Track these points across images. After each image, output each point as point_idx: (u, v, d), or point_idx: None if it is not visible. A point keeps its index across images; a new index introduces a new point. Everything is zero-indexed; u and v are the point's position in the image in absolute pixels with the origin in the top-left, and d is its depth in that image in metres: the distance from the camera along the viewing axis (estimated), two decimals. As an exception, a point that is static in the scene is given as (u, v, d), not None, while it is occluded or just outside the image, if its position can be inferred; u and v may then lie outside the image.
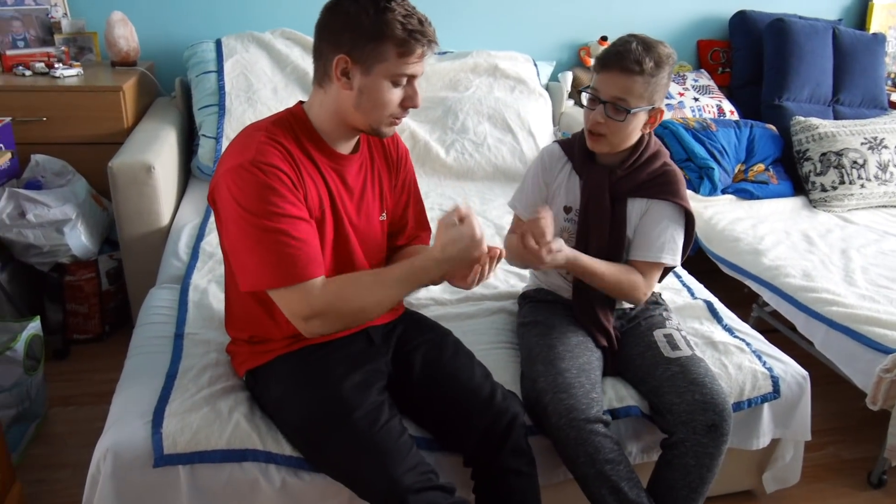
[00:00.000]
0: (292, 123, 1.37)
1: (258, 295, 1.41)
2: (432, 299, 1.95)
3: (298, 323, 1.31)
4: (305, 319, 1.30)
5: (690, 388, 1.52)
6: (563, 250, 1.54)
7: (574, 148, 1.71)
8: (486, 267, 1.36)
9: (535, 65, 3.19)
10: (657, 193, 1.65)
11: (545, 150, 1.78)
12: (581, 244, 1.67)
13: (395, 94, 1.33)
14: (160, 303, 1.87)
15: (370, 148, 1.51)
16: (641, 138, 1.65)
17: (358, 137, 1.46)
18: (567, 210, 1.71)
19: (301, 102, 1.42)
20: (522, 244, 1.47)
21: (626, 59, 1.52)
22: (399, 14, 1.26)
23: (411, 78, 1.33)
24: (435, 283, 1.39)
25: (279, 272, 1.27)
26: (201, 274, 2.00)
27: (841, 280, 2.20)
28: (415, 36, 1.28)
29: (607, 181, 1.64)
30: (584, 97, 1.61)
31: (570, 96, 3.24)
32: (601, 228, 1.66)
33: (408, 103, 1.35)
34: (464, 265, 1.34)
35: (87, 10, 2.85)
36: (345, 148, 1.43)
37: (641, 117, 1.58)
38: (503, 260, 1.42)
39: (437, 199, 2.62)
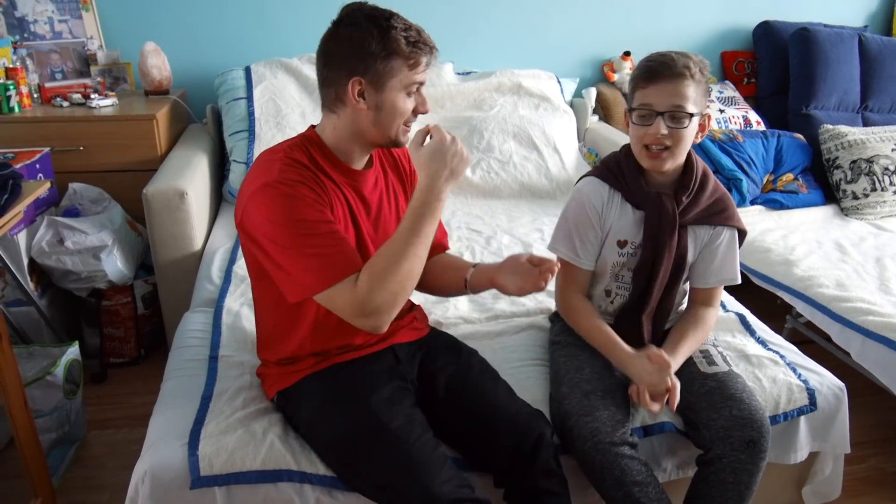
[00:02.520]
0: (307, 145, 1.42)
1: (277, 313, 1.43)
2: (461, 318, 1.96)
3: (358, 321, 1.30)
4: (362, 316, 1.29)
5: (728, 403, 1.50)
6: (672, 367, 1.53)
7: (619, 176, 1.63)
8: (543, 278, 1.41)
9: (559, 82, 3.20)
10: (720, 221, 1.64)
11: (586, 191, 1.65)
12: (643, 278, 1.62)
13: (410, 104, 1.40)
14: (194, 326, 1.90)
15: (382, 162, 1.55)
16: (689, 157, 1.61)
17: (371, 153, 1.49)
18: (622, 244, 1.64)
19: (313, 126, 1.47)
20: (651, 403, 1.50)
21: (674, 67, 1.49)
22: (400, 30, 1.33)
23: (419, 86, 1.40)
24: (441, 202, 1.34)
25: (323, 273, 1.29)
26: (234, 297, 2.03)
27: (876, 289, 2.16)
28: (419, 46, 1.35)
29: (675, 211, 1.59)
30: (635, 115, 1.54)
31: (595, 111, 3.25)
32: (668, 260, 1.61)
33: (420, 109, 1.42)
34: (451, 177, 1.33)
35: (121, 41, 2.94)
36: (359, 164, 1.47)
37: (695, 124, 1.54)
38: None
39: (464, 217, 2.64)
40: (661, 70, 1.50)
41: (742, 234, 1.68)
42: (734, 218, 1.65)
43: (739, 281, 1.68)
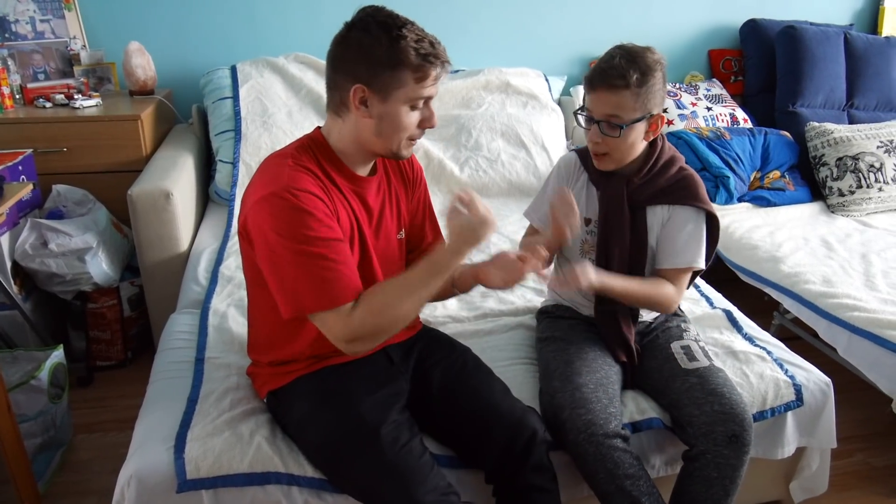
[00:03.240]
0: (314, 149, 1.39)
1: (282, 319, 1.42)
2: (449, 317, 1.96)
3: (342, 345, 1.30)
4: (348, 342, 1.29)
5: (709, 399, 1.51)
6: (593, 279, 1.51)
7: (587, 156, 1.71)
8: (523, 268, 1.42)
9: (547, 80, 3.20)
10: (678, 199, 1.64)
11: (562, 159, 1.79)
12: (602, 256, 1.67)
13: (414, 118, 1.35)
14: (181, 328, 1.89)
15: (386, 169, 1.53)
16: (654, 144, 1.64)
17: (375, 160, 1.48)
18: (587, 222, 1.70)
19: (319, 128, 1.44)
20: (561, 271, 1.49)
21: (609, 75, 1.52)
22: (412, 40, 1.28)
23: (427, 99, 1.36)
24: (461, 262, 1.36)
25: (320, 296, 1.27)
26: (220, 298, 2.02)
27: (862, 285, 2.18)
28: (429, 59, 1.30)
29: (625, 191, 1.64)
30: (581, 118, 1.62)
31: (575, 113, 3.25)
32: (622, 239, 1.65)
33: (426, 124, 1.38)
34: (477, 245, 1.33)
35: (105, 41, 2.91)
36: (363, 171, 1.45)
37: (639, 128, 1.57)
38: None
39: (452, 216, 2.63)
40: (598, 78, 1.54)
41: (713, 220, 1.66)
42: (697, 199, 1.64)
43: (702, 266, 1.65)
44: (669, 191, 1.64)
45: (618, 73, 1.51)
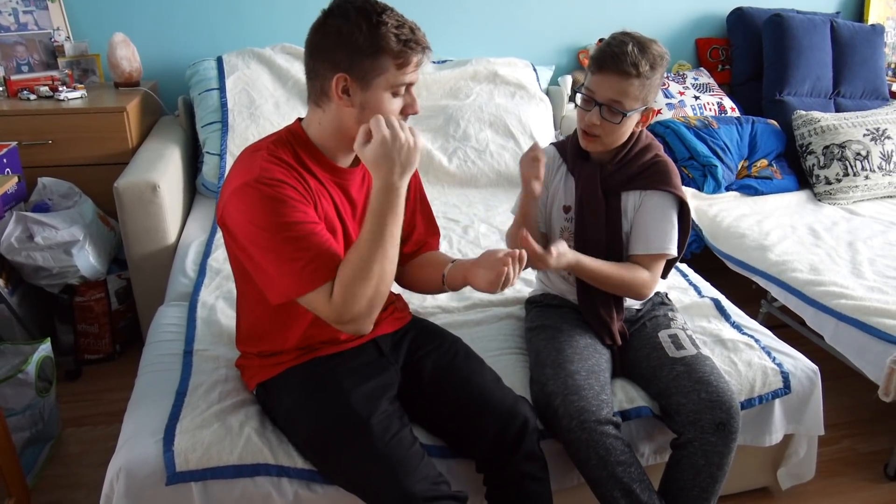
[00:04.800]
0: (291, 141, 1.38)
1: (272, 310, 1.41)
2: (439, 307, 1.96)
3: (337, 325, 1.30)
4: (339, 320, 1.28)
5: (696, 387, 1.52)
6: (566, 253, 1.54)
7: (566, 146, 1.73)
8: (511, 270, 1.37)
9: (535, 70, 3.20)
10: (649, 184, 1.65)
11: None
12: (579, 242, 1.68)
13: (396, 105, 1.33)
14: (169, 320, 1.88)
15: None
16: (632, 133, 1.65)
17: None
18: (566, 210, 1.72)
19: (299, 120, 1.43)
20: (530, 250, 1.46)
21: (622, 61, 1.52)
22: (392, 26, 1.27)
23: (409, 86, 1.34)
24: (400, 197, 1.29)
25: (305, 278, 1.27)
26: (209, 290, 2.01)
27: (848, 273, 2.19)
28: (410, 45, 1.28)
29: (598, 176, 1.65)
30: (579, 98, 1.62)
31: (571, 99, 3.25)
32: (597, 225, 1.66)
33: (408, 111, 1.36)
34: (405, 168, 1.27)
35: (90, 32, 2.88)
36: (345, 162, 1.44)
37: (635, 118, 1.60)
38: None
39: (441, 207, 2.63)
40: (610, 62, 1.54)
41: (685, 207, 1.66)
42: (668, 184, 1.64)
43: (673, 253, 1.65)
44: (641, 176, 1.65)
45: (631, 62, 1.51)
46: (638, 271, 1.64)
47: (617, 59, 1.52)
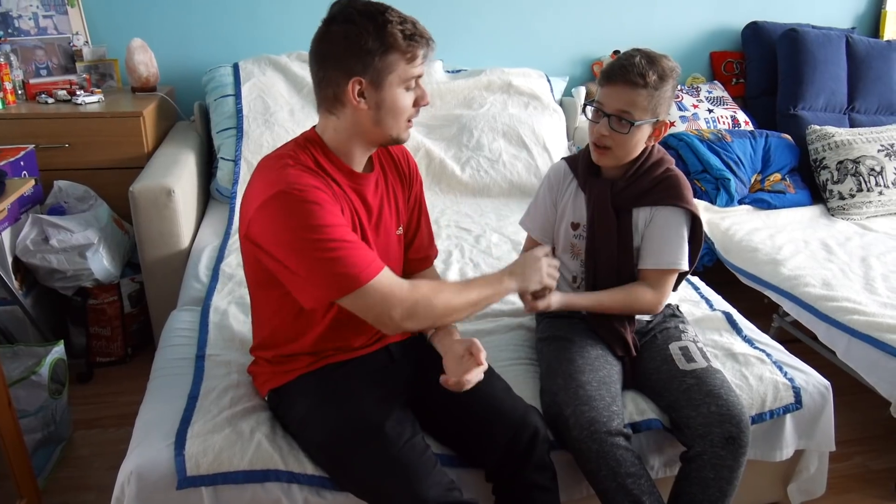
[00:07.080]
0: (310, 148, 1.39)
1: (290, 318, 1.43)
2: (450, 316, 1.96)
3: (386, 322, 1.32)
4: (399, 318, 1.32)
5: (706, 400, 1.51)
6: (552, 304, 1.60)
7: (577, 162, 1.73)
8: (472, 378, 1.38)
9: (549, 80, 3.20)
10: (660, 200, 1.65)
11: (551, 168, 1.81)
12: (591, 259, 1.69)
13: (409, 98, 1.37)
14: (181, 325, 1.89)
15: (382, 165, 1.53)
16: (644, 148, 1.65)
17: (371, 155, 1.48)
18: (575, 226, 1.72)
19: (314, 127, 1.44)
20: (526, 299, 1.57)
21: (630, 72, 1.54)
22: (396, 23, 1.30)
23: (418, 78, 1.38)
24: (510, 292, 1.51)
25: (346, 279, 1.28)
26: (221, 296, 2.02)
27: (861, 288, 2.18)
28: (415, 39, 1.32)
29: (609, 193, 1.66)
30: (589, 110, 1.63)
31: (583, 111, 3.25)
32: (609, 241, 1.66)
33: (420, 102, 1.40)
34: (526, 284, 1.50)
35: (108, 37, 2.91)
36: (360, 166, 1.45)
37: (646, 130, 1.60)
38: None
39: (453, 216, 2.64)
40: (618, 73, 1.56)
41: (697, 221, 1.66)
42: (680, 199, 1.64)
43: (684, 267, 1.65)
44: (653, 192, 1.65)
45: (638, 72, 1.53)
46: (640, 293, 1.65)
47: (625, 70, 1.55)
